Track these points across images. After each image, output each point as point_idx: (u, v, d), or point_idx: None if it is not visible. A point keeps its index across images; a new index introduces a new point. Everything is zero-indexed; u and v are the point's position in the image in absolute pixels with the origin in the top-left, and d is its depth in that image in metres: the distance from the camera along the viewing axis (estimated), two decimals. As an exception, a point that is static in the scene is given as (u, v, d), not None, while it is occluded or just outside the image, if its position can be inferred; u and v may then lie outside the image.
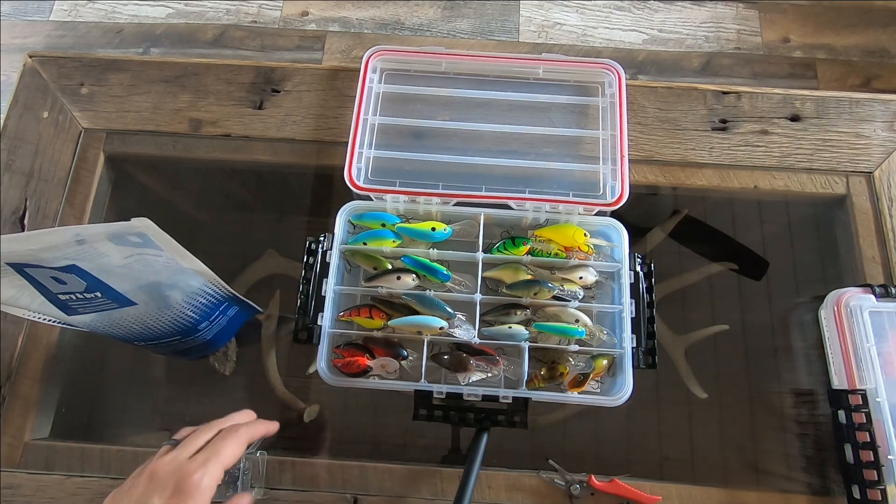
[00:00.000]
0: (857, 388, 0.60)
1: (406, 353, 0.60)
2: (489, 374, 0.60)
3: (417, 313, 0.60)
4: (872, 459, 0.57)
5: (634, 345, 0.59)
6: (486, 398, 0.58)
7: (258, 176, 0.86)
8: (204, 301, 0.60)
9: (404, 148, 0.68)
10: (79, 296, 0.52)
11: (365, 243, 0.63)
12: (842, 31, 1.53)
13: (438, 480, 0.61)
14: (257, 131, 0.74)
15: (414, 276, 0.61)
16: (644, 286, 0.62)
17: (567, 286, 0.62)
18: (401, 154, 0.67)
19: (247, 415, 0.52)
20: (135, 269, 0.52)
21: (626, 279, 0.61)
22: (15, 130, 0.73)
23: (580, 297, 0.62)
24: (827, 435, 0.63)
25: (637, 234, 0.79)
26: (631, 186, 0.63)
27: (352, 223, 0.65)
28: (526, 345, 0.59)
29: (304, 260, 0.62)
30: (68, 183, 0.72)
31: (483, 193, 0.64)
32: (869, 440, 0.58)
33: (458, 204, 0.64)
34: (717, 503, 0.60)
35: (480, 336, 0.59)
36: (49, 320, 0.56)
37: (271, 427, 0.52)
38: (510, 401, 0.58)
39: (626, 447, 0.71)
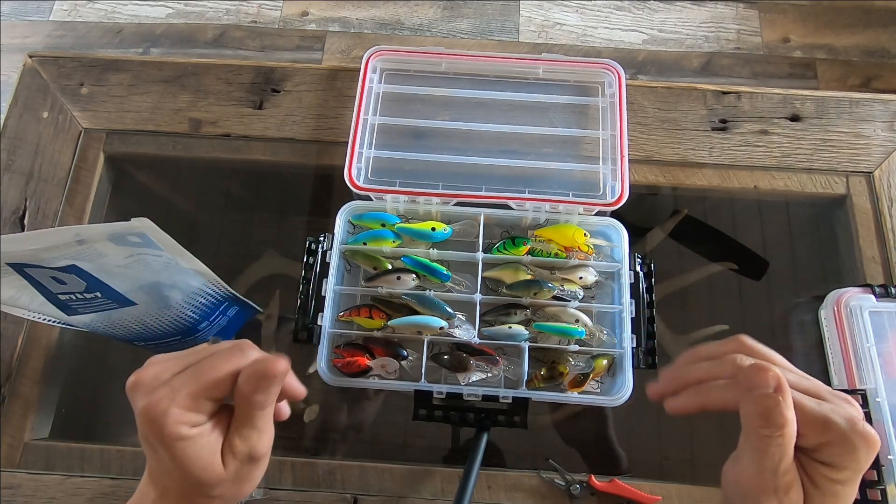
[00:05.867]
0: (857, 388, 0.60)
1: (406, 353, 0.60)
2: (489, 374, 0.60)
3: (417, 313, 0.60)
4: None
5: (634, 345, 0.59)
6: (486, 398, 0.58)
7: (258, 176, 0.86)
8: (204, 301, 0.60)
9: (404, 148, 0.68)
10: (79, 296, 0.52)
11: (365, 243, 0.63)
12: (842, 31, 1.53)
13: (438, 480, 0.61)
14: (257, 131, 0.74)
15: (414, 276, 0.61)
16: (644, 286, 0.62)
17: (567, 286, 0.62)
18: (401, 154, 0.67)
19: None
20: (135, 269, 0.52)
21: (626, 279, 0.61)
22: (15, 130, 0.73)
23: (580, 297, 0.62)
24: (827, 435, 0.63)
25: (637, 234, 0.79)
26: (631, 186, 0.63)
27: (352, 223, 0.65)
28: (526, 345, 0.59)
29: (304, 260, 0.62)
30: (68, 183, 0.72)
31: (483, 193, 0.64)
32: (869, 440, 0.58)
33: (458, 204, 0.64)
34: (718, 503, 0.60)
35: (480, 336, 0.59)
36: (49, 320, 0.56)
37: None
38: (510, 401, 0.58)
39: (626, 447, 0.71)
